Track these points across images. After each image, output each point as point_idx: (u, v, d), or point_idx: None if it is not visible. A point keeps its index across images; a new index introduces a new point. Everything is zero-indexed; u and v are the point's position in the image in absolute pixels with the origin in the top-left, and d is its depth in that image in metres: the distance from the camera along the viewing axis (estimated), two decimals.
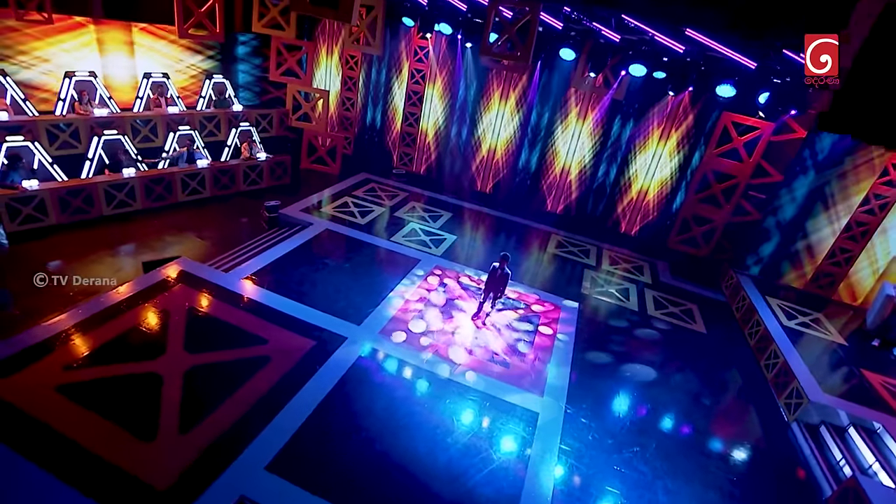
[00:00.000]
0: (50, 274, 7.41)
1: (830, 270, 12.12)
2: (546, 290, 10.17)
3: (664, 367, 8.42)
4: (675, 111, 12.93)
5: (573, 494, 5.53)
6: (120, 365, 5.87)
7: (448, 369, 7.08)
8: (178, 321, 6.81)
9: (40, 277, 7.24)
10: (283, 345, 6.76)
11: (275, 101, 14.54)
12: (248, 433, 5.34)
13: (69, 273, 7.53)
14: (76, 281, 7.44)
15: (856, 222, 11.62)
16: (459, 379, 6.94)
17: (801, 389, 7.75)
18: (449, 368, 7.11)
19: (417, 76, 14.76)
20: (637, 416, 7.04)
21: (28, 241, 8.28)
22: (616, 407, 7.18)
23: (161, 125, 11.17)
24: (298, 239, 9.97)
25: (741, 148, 12.14)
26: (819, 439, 7.42)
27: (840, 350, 9.53)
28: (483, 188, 15.46)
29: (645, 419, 7.04)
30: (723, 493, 6.05)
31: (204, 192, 11.28)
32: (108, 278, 7.58)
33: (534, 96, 13.86)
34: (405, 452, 5.54)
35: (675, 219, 13.45)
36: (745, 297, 10.96)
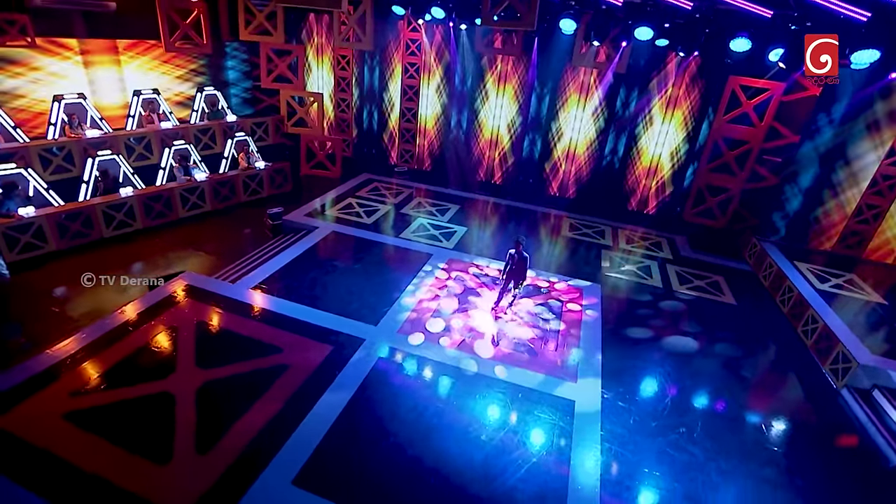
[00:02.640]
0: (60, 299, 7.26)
1: (858, 229, 11.61)
2: (565, 273, 9.80)
3: (699, 343, 8.01)
4: (680, 80, 12.48)
5: (622, 483, 5.15)
6: (129, 387, 5.58)
7: (473, 364, 6.73)
8: (187, 337, 6.52)
9: (87, 277, 7.61)
10: (299, 352, 6.44)
11: (269, 108, 14.30)
12: (270, 447, 5.02)
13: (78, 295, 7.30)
14: (121, 281, 7.81)
15: (882, 176, 11.10)
16: (487, 372, 6.58)
17: (848, 353, 7.31)
18: (474, 363, 6.75)
19: (412, 70, 14.42)
20: (677, 396, 6.64)
21: (29, 269, 8.03)
22: (654, 387, 6.78)
23: (155, 142, 10.92)
24: (305, 244, 9.67)
25: (751, 112, 11.67)
26: (873, 404, 6.98)
27: (880, 309, 9.06)
28: (488, 177, 15.10)
29: (685, 398, 6.64)
30: (780, 468, 5.64)
31: (205, 206, 11.02)
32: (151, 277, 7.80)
33: (533, 79, 13.47)
34: (438, 455, 5.19)
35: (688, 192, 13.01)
36: (772, 265, 10.50)
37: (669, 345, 7.85)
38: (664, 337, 8.06)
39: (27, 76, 9.87)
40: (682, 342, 7.99)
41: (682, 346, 7.89)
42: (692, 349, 7.82)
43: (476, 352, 7.00)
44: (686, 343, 7.97)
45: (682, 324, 8.54)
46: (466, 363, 6.71)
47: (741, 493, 5.21)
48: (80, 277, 7.85)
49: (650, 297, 9.40)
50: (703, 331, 8.39)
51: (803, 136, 11.68)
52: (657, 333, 8.15)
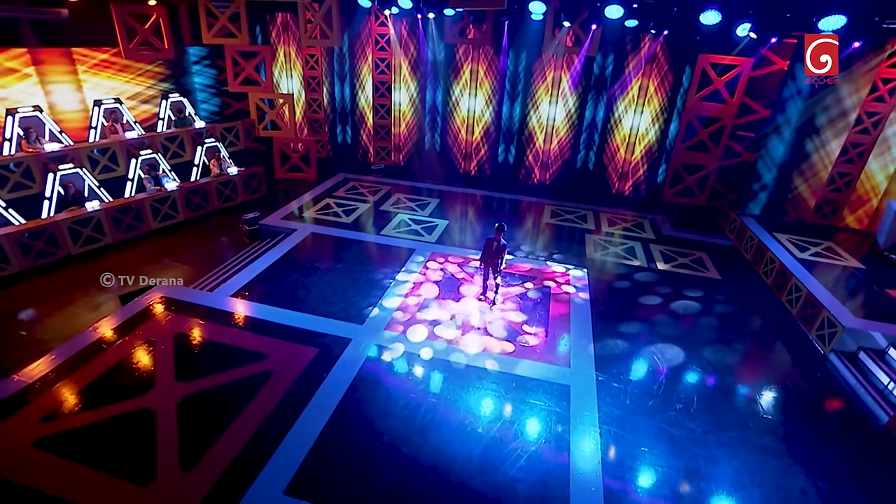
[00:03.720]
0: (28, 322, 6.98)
1: (832, 197, 11.83)
2: (551, 259, 9.75)
3: (687, 319, 8.02)
4: (651, 62, 12.52)
5: (624, 464, 5.08)
6: (106, 407, 5.29)
7: (464, 356, 6.59)
8: (166, 350, 6.23)
9: (106, 277, 7.71)
10: (284, 357, 6.21)
11: (239, 113, 13.90)
12: (260, 457, 4.81)
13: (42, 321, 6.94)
14: (142, 281, 7.85)
15: (851, 144, 11.33)
16: (478, 364, 6.45)
17: (833, 318, 7.39)
18: (465, 355, 6.62)
19: (382, 65, 14.18)
20: (671, 373, 6.61)
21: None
22: (647, 366, 6.74)
23: (120, 153, 10.49)
24: (284, 247, 9.40)
25: (722, 89, 11.80)
26: (860, 366, 7.07)
27: (859, 273, 9.21)
28: (467, 169, 14.98)
29: (680, 374, 6.62)
30: (778, 437, 5.65)
31: (177, 216, 10.66)
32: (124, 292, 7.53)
33: (505, 67, 13.37)
34: (435, 451, 5.04)
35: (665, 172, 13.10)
36: (752, 238, 10.61)
37: (659, 323, 7.83)
38: (654, 316, 8.05)
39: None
40: (672, 320, 7.98)
41: (672, 323, 7.88)
42: (682, 326, 7.82)
43: (466, 344, 6.87)
44: (675, 321, 7.97)
45: (670, 302, 8.55)
46: (457, 356, 6.57)
47: (742, 464, 5.19)
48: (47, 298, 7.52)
49: (636, 277, 9.39)
50: (691, 307, 8.41)
51: (774, 110, 11.84)
52: (646, 313, 8.14)
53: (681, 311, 8.25)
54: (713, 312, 8.31)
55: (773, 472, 5.13)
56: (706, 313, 8.25)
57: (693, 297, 8.76)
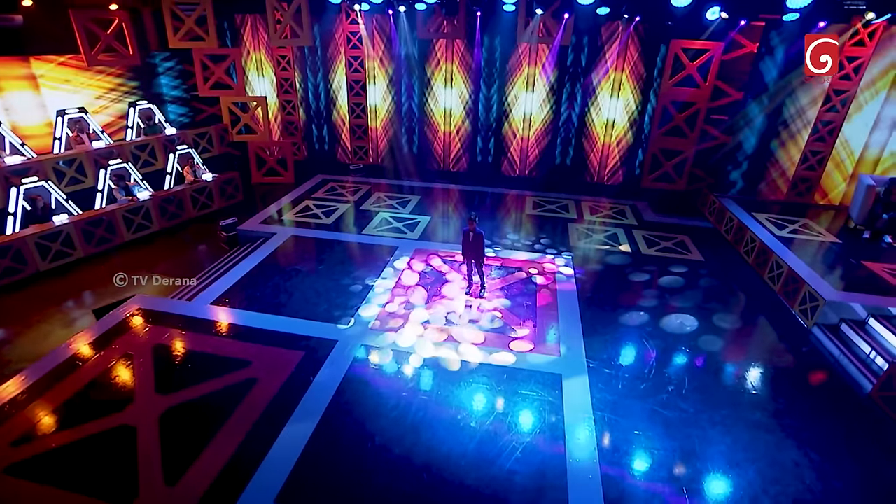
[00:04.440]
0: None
1: (806, 175, 12.06)
2: (535, 249, 9.71)
3: (673, 301, 8.05)
4: (624, 50, 12.58)
5: (620, 449, 5.05)
6: (82, 426, 5.05)
7: (453, 351, 6.50)
8: (145, 363, 6.00)
9: (120, 277, 7.84)
10: (269, 362, 6.04)
11: (211, 118, 13.56)
12: (248, 466, 4.65)
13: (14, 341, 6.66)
14: (155, 281, 8.00)
15: (821, 122, 11.55)
16: (468, 358, 6.37)
17: (814, 291, 7.50)
18: (454, 350, 6.53)
19: (356, 63, 13.98)
20: (661, 355, 6.62)
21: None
22: (637, 350, 6.74)
23: (88, 163, 10.12)
24: (264, 251, 9.19)
25: (695, 73, 11.92)
26: (843, 337, 7.19)
27: (835, 248, 9.39)
28: (446, 165, 14.88)
29: (669, 356, 6.63)
30: (767, 411, 5.69)
31: (152, 226, 10.34)
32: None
33: (479, 60, 13.29)
34: (429, 449, 4.94)
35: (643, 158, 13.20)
36: (732, 218, 10.74)
37: (647, 307, 7.86)
38: (640, 300, 8.07)
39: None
40: (659, 303, 8.01)
41: (660, 306, 7.91)
42: (667, 309, 7.85)
43: (454, 339, 6.78)
44: (661, 303, 8.00)
45: (656, 286, 8.59)
46: (445, 352, 6.48)
47: (736, 441, 5.21)
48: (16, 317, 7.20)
49: (621, 262, 9.42)
50: (677, 290, 8.46)
51: (746, 92, 12.01)
52: (633, 297, 8.16)
53: (667, 294, 8.29)
54: (698, 293, 8.37)
55: (766, 446, 5.16)
56: (692, 295, 8.31)
57: (678, 279, 8.81)
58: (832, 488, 4.73)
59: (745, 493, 4.61)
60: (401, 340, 6.70)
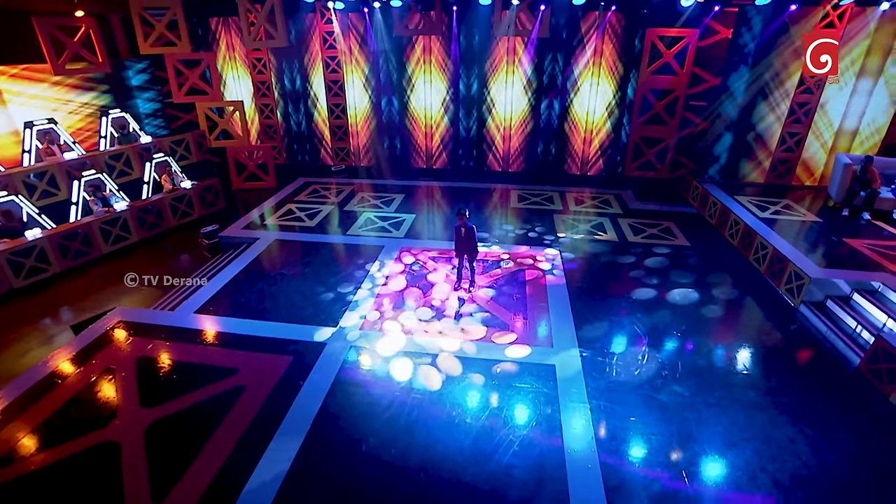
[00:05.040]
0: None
1: (785, 157, 12.22)
2: (523, 242, 9.68)
3: (662, 287, 8.08)
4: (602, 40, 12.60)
5: (617, 436, 5.01)
6: (63, 445, 4.86)
7: (444, 348, 6.42)
8: (128, 376, 5.81)
9: (131, 277, 7.95)
10: (256, 369, 5.89)
11: (188, 124, 13.31)
12: (239, 476, 4.51)
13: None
14: (166, 281, 8.06)
15: (797, 104, 11.71)
16: (460, 353, 6.29)
17: (799, 270, 7.58)
18: (445, 346, 6.44)
19: (333, 64, 13.80)
20: (653, 341, 6.62)
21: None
22: (629, 337, 6.73)
23: (60, 175, 9.82)
24: (247, 257, 9.00)
25: (672, 61, 12.01)
26: (829, 314, 7.27)
27: (816, 227, 9.52)
28: (429, 162, 14.78)
29: (661, 342, 6.63)
30: (761, 390, 5.72)
31: (131, 237, 10.08)
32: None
33: (457, 55, 13.21)
34: (424, 448, 4.85)
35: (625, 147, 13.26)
36: (715, 203, 10.84)
37: (636, 294, 7.86)
38: (630, 287, 8.08)
39: None
40: (647, 289, 8.03)
41: (648, 293, 7.92)
42: (658, 295, 7.87)
43: (445, 335, 6.70)
44: (651, 290, 8.02)
45: (645, 272, 8.61)
46: (437, 348, 6.39)
47: (732, 421, 5.22)
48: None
49: (608, 250, 9.43)
50: (665, 275, 8.49)
51: (723, 77, 12.13)
52: (622, 285, 8.17)
53: (654, 280, 8.31)
54: (686, 278, 8.40)
55: (761, 425, 5.18)
56: (680, 280, 8.34)
57: (666, 265, 8.85)
58: (827, 462, 4.76)
59: (744, 472, 4.61)
60: (390, 340, 6.59)
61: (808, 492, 4.45)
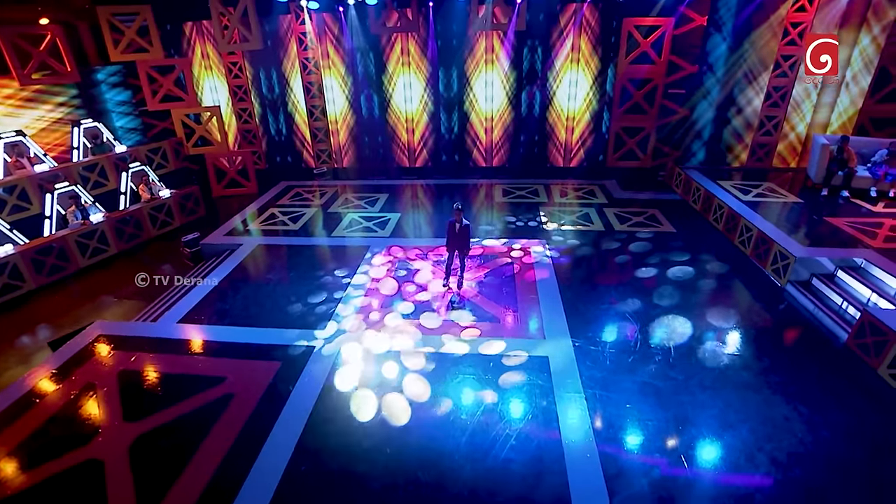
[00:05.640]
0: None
1: (764, 141, 12.37)
2: (510, 236, 9.64)
3: (651, 274, 8.09)
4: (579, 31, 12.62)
5: (614, 424, 4.97)
6: (41, 467, 4.65)
7: (436, 345, 6.33)
8: (110, 391, 5.62)
9: (141, 277, 8.07)
10: (244, 377, 5.74)
11: (164, 132, 12.98)
12: (230, 487, 4.37)
13: None
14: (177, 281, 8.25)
15: (773, 88, 11.86)
16: (453, 350, 6.21)
17: (784, 250, 7.65)
18: (436, 343, 6.35)
19: (310, 65, 13.61)
20: (644, 327, 6.61)
21: None
22: (620, 325, 6.71)
23: (31, 189, 9.50)
24: (231, 263, 8.81)
25: (650, 50, 12.07)
26: (815, 292, 7.34)
27: (797, 207, 9.63)
28: (411, 161, 14.67)
29: (653, 327, 6.62)
30: (754, 370, 5.74)
31: (109, 249, 9.80)
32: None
33: (435, 53, 13.11)
34: (421, 448, 4.76)
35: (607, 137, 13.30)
36: (699, 188, 10.91)
37: (625, 281, 7.86)
38: (618, 275, 8.08)
39: None
40: (637, 277, 8.03)
41: (637, 280, 7.93)
42: (646, 280, 7.87)
43: (436, 332, 6.61)
44: (639, 276, 8.03)
45: (632, 259, 8.62)
46: (429, 346, 6.30)
47: (727, 403, 5.21)
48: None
49: (595, 240, 9.43)
50: (653, 262, 8.50)
51: (701, 64, 12.23)
52: (611, 273, 8.16)
53: (643, 268, 8.32)
54: (674, 263, 8.43)
55: (756, 405, 5.18)
56: (668, 265, 8.36)
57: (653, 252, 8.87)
58: (822, 438, 4.78)
59: (741, 452, 4.60)
60: (380, 340, 6.48)
61: (805, 469, 4.45)
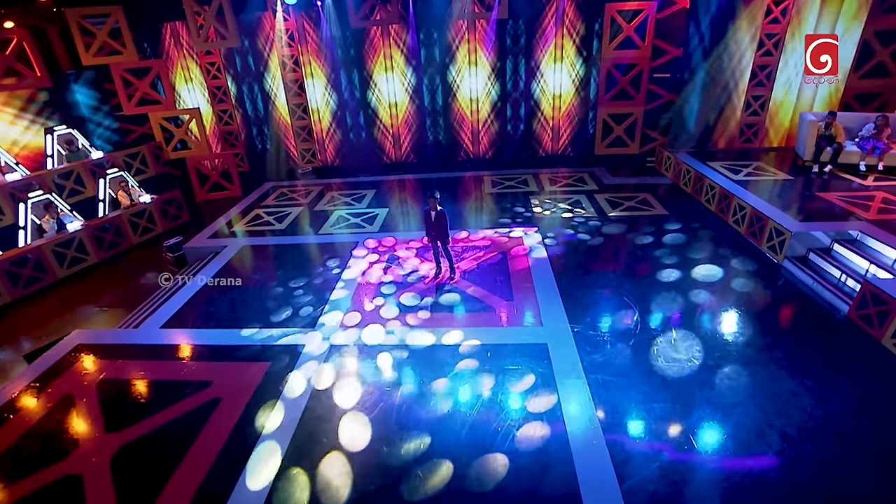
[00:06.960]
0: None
1: (751, 121, 12.31)
2: (501, 225, 9.46)
3: (646, 256, 7.96)
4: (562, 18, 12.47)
5: (619, 408, 4.80)
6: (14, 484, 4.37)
7: (430, 338, 6.12)
8: (89, 401, 5.34)
9: (165, 278, 7.97)
10: (232, 379, 5.49)
11: (143, 137, 12.63)
12: (219, 495, 4.12)
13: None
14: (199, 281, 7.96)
15: (758, 67, 11.80)
16: (448, 342, 6.00)
17: (779, 226, 7.55)
18: (431, 336, 6.15)
19: (290, 63, 13.32)
20: (644, 310, 6.46)
21: None
22: (619, 309, 6.55)
23: (2, 198, 9.14)
24: (215, 265, 8.53)
25: (633, 34, 11.93)
26: (812, 266, 7.25)
27: (789, 184, 9.57)
28: (398, 155, 14.43)
29: (653, 309, 6.47)
30: (758, 347, 5.60)
31: (89, 258, 9.48)
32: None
33: (416, 45, 12.89)
34: (420, 444, 4.54)
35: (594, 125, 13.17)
36: (689, 170, 10.82)
37: (620, 265, 7.72)
38: (612, 259, 7.94)
39: None
40: (632, 259, 7.90)
41: (633, 263, 7.79)
42: (642, 264, 7.74)
43: (429, 325, 6.40)
44: (635, 260, 7.89)
45: (625, 244, 8.48)
46: (423, 339, 6.09)
47: (734, 379, 5.07)
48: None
49: (588, 225, 9.29)
50: (647, 246, 8.37)
51: (685, 48, 12.14)
52: (606, 258, 8.02)
53: (638, 251, 8.19)
54: (669, 245, 8.31)
55: (762, 381, 5.04)
56: (663, 247, 8.23)
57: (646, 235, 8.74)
58: (832, 411, 4.65)
59: (751, 430, 4.46)
60: (372, 334, 6.26)
61: (817, 444, 4.31)
